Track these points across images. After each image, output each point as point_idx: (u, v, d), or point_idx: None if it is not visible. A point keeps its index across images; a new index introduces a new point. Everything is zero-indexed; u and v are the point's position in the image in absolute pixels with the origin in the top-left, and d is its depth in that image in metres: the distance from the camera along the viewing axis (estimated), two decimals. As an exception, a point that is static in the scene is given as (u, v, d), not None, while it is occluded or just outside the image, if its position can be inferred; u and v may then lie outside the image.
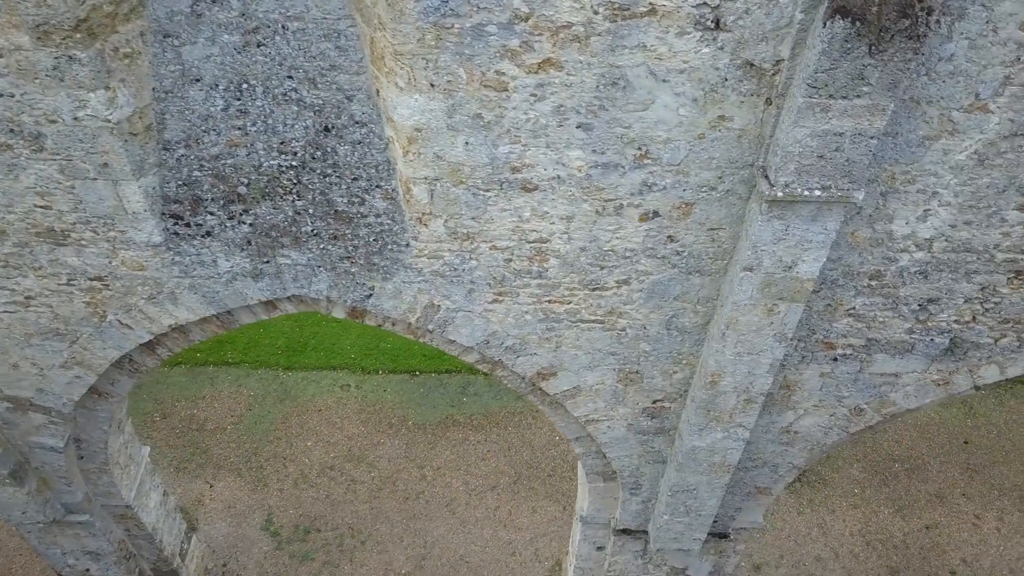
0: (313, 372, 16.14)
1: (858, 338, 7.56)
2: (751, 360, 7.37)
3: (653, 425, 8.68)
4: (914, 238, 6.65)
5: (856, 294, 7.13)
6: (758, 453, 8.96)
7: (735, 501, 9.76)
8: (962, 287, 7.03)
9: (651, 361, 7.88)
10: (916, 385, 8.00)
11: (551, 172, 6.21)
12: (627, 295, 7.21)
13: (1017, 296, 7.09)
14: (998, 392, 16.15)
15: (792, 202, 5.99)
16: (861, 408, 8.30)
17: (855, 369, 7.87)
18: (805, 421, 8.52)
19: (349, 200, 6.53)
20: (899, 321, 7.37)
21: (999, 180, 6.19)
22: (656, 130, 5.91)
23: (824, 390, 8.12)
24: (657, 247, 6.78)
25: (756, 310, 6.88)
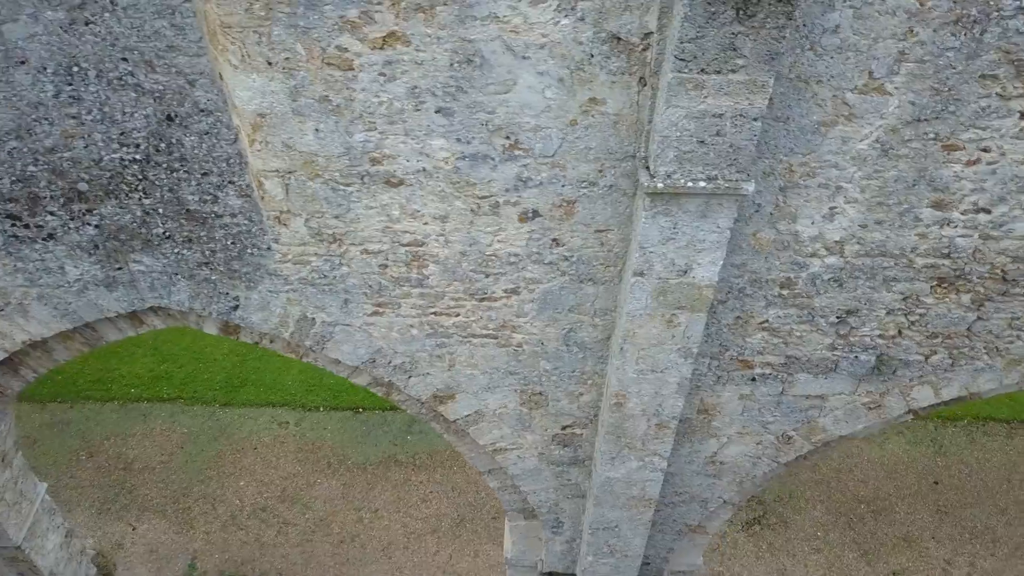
0: (252, 409, 15.41)
1: (776, 355, 6.92)
2: (656, 379, 6.71)
3: (566, 455, 7.98)
4: (823, 240, 6.06)
5: (767, 305, 6.51)
6: (684, 486, 8.25)
7: (665, 540, 9.00)
8: (882, 297, 6.42)
9: (554, 381, 7.22)
10: (845, 409, 7.33)
11: (415, 164, 5.64)
12: (518, 306, 6.59)
13: (943, 307, 6.48)
14: (969, 429, 15.42)
15: (676, 195, 5.41)
16: (789, 435, 7.61)
17: (776, 391, 7.21)
18: (730, 450, 7.82)
19: (201, 198, 5.95)
20: (818, 336, 6.74)
21: (907, 173, 5.62)
22: (523, 116, 5.36)
23: (746, 415, 7.44)
24: (543, 252, 6.19)
25: (654, 321, 6.26)
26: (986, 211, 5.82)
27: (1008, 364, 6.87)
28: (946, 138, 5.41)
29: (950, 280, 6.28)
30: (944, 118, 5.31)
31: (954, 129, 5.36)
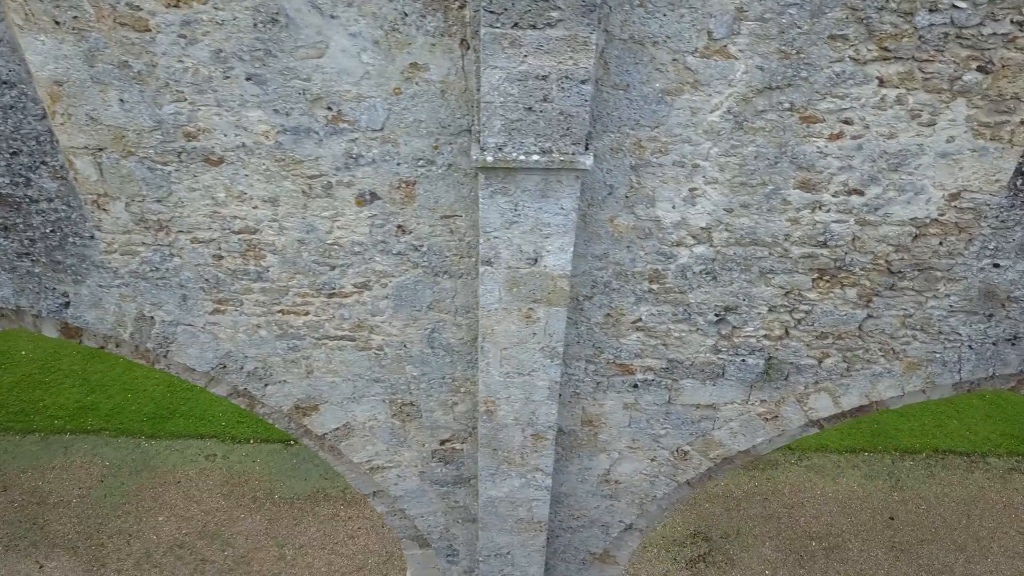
0: (179, 441, 14.77)
1: (656, 359, 6.40)
2: (524, 383, 6.19)
3: (449, 473, 7.40)
4: (687, 227, 5.60)
5: (637, 301, 6.02)
6: (580, 509, 7.64)
7: (569, 570, 8.35)
8: (761, 291, 5.93)
9: (424, 389, 6.68)
10: (740, 420, 6.79)
11: (234, 139, 5.20)
12: (372, 303, 6.09)
13: (828, 303, 5.98)
14: (928, 463, 14.78)
15: (511, 171, 4.96)
16: (684, 450, 7.05)
17: (662, 399, 6.67)
18: (624, 467, 7.25)
19: (12, 180, 5.50)
20: (699, 337, 6.24)
21: (767, 149, 5.19)
22: (341, 83, 4.94)
23: (634, 427, 6.89)
24: (389, 240, 5.72)
25: (511, 317, 5.76)
26: (859, 192, 5.37)
27: (908, 368, 6.35)
28: (803, 108, 4.99)
29: (831, 272, 5.80)
30: (797, 85, 4.89)
31: (810, 98, 4.94)
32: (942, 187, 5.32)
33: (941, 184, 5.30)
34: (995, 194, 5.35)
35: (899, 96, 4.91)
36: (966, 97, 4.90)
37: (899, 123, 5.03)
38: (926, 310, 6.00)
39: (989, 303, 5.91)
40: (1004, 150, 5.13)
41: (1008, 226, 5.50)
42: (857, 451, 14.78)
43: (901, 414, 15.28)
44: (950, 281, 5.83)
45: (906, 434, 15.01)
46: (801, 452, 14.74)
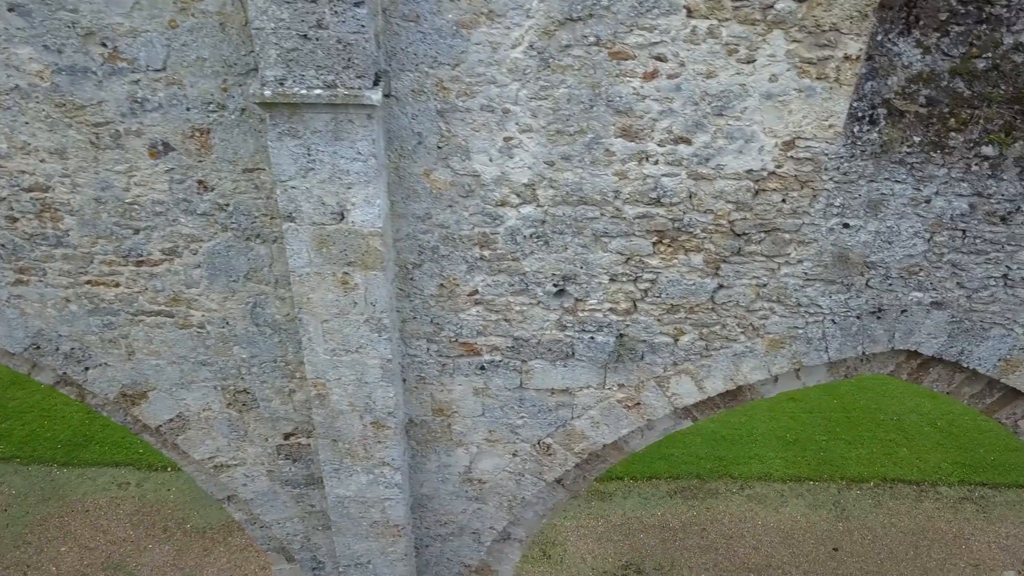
0: (93, 469, 14.14)
1: (501, 336, 5.94)
2: (354, 361, 5.71)
3: (299, 472, 6.86)
4: (510, 184, 5.20)
5: (470, 269, 5.59)
6: (445, 513, 7.08)
7: (446, 586, 7.73)
8: (599, 258, 5.51)
9: (255, 374, 6.20)
10: (600, 408, 6.29)
11: (5, 80, 4.83)
12: (185, 273, 5.65)
13: (674, 271, 5.55)
14: (876, 492, 14.12)
15: (295, 107, 4.59)
16: (546, 443, 6.53)
17: (513, 383, 6.18)
18: (485, 464, 6.72)
19: None
20: (541, 311, 5.79)
21: (580, 90, 4.82)
22: (111, 14, 4.60)
23: (489, 416, 6.39)
24: (192, 199, 5.31)
25: (326, 283, 5.32)
26: (686, 141, 4.99)
27: (771, 346, 5.89)
28: (610, 43, 4.64)
29: (671, 235, 5.39)
30: (600, 16, 4.55)
31: (616, 31, 4.59)
32: (773, 134, 4.94)
33: (772, 130, 4.93)
34: (831, 141, 4.97)
35: (711, 28, 4.57)
36: (782, 29, 4.56)
37: (716, 60, 4.67)
38: (780, 278, 5.57)
39: (845, 270, 5.48)
40: (832, 90, 4.77)
41: (851, 179, 5.11)
42: (802, 480, 14.15)
43: (848, 442, 14.71)
44: (800, 244, 5.41)
45: (853, 462, 14.40)
46: (743, 481, 14.11)
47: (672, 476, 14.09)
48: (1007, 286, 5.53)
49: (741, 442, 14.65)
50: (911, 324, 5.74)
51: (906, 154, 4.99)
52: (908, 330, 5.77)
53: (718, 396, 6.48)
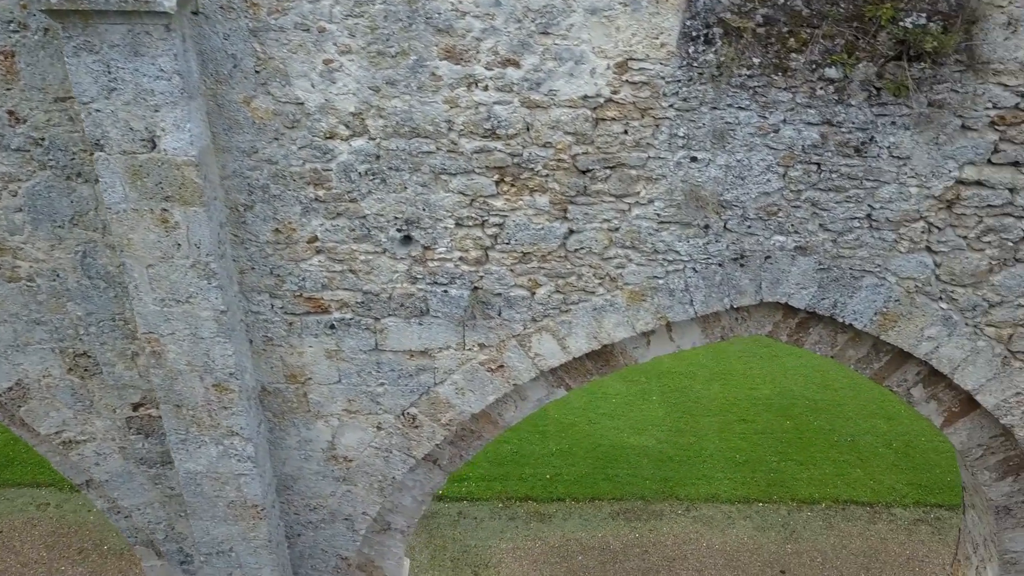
0: (12, 489, 13.61)
1: (349, 290, 5.61)
2: (186, 314, 5.37)
3: (154, 449, 6.44)
4: (336, 112, 4.94)
5: (306, 212, 5.29)
6: (312, 495, 6.63)
7: (324, 581, 7.22)
8: (440, 199, 5.21)
9: (94, 334, 5.84)
10: (464, 373, 5.92)
11: None
12: (7, 217, 5.36)
13: (521, 214, 5.26)
14: (827, 514, 13.55)
15: (86, 16, 4.35)
16: (411, 414, 6.14)
17: (368, 344, 5.83)
18: (349, 438, 6.31)
19: None
20: (388, 260, 5.47)
21: (397, 6, 4.60)
22: None
23: (346, 383, 6.01)
24: (4, 132, 5.04)
25: (145, 221, 5.02)
26: (514, 64, 4.75)
27: (632, 299, 5.55)
28: (421, -48, 4.43)
29: (512, 172, 5.11)
30: (406, -79, 4.34)
31: (425, -62, 4.38)
32: (604, 54, 4.69)
33: (601, 50, 4.68)
34: (665, 63, 4.72)
35: (524, -65, 4.36)
36: (598, -66, 4.35)
37: (534, -29, 4.46)
38: (632, 221, 5.26)
39: (699, 210, 5.18)
40: (659, 3, 4.54)
41: (693, 106, 4.85)
42: (751, 501, 13.61)
43: (800, 463, 14.20)
44: (649, 182, 5.12)
45: (804, 483, 13.87)
46: (689, 502, 13.57)
47: (615, 497, 13.56)
48: (873, 228, 5.23)
49: (689, 463, 14.15)
50: (777, 273, 5.42)
51: (747, 77, 4.74)
52: (775, 279, 5.45)
53: (589, 361, 6.12)
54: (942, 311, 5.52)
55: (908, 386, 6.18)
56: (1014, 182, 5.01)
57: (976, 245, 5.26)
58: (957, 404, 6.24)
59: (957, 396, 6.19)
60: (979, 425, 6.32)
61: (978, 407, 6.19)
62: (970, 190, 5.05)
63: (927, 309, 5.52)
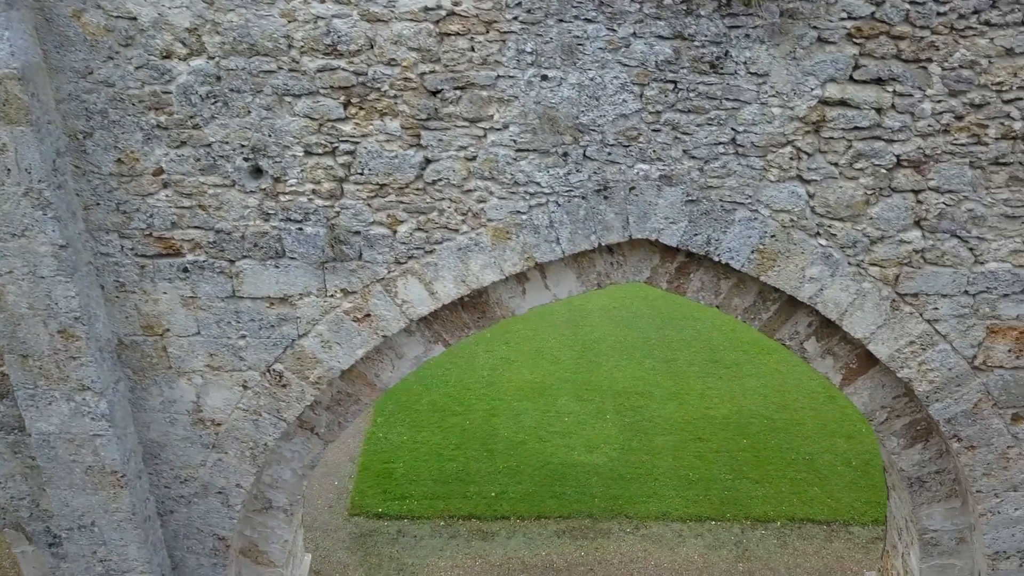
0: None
1: (200, 228, 5.36)
2: (23, 249, 5.13)
3: (8, 412, 6.10)
4: (171, 28, 4.76)
5: (148, 140, 5.07)
6: (180, 463, 6.26)
7: (202, 567, 6.78)
8: (287, 124, 5.00)
9: (-62, 280, 5.55)
10: (329, 323, 5.63)
11: None
12: None
13: (373, 141, 5.04)
14: (782, 532, 13.03)
15: None
16: (277, 371, 5.82)
17: (225, 291, 5.55)
18: (214, 398, 5.97)
19: None
20: (238, 194, 5.23)
21: (223, -90, 4.44)
22: None
23: (206, 333, 5.71)
24: None
25: (-31, 141, 4.78)
26: (348, -29, 4.58)
27: (496, 237, 5.29)
28: None
29: (359, 93, 4.90)
30: None
31: None
32: (438, -41, 4.53)
33: (436, -45, 4.52)
34: (504, -31, 4.55)
35: None
36: None
37: None
38: (489, 149, 5.04)
39: (556, 135, 4.96)
40: (491, -96, 4.39)
41: (538, 19, 4.67)
42: (703, 519, 13.09)
43: (756, 481, 13.72)
44: (502, 104, 4.91)
45: (760, 501, 13.37)
46: (639, 520, 13.05)
47: (562, 515, 13.05)
48: (739, 154, 5.00)
49: (640, 481, 13.67)
50: (644, 205, 5.17)
51: (591, -14, 4.57)
52: (642, 213, 5.19)
53: (465, 313, 5.84)
54: (822, 248, 5.26)
55: (801, 339, 5.88)
56: (879, 101, 4.80)
57: (848, 173, 5.02)
58: (855, 360, 5.92)
59: (853, 351, 5.89)
60: (880, 384, 5.99)
61: (877, 363, 5.88)
62: (835, 110, 4.84)
63: (806, 246, 5.25)
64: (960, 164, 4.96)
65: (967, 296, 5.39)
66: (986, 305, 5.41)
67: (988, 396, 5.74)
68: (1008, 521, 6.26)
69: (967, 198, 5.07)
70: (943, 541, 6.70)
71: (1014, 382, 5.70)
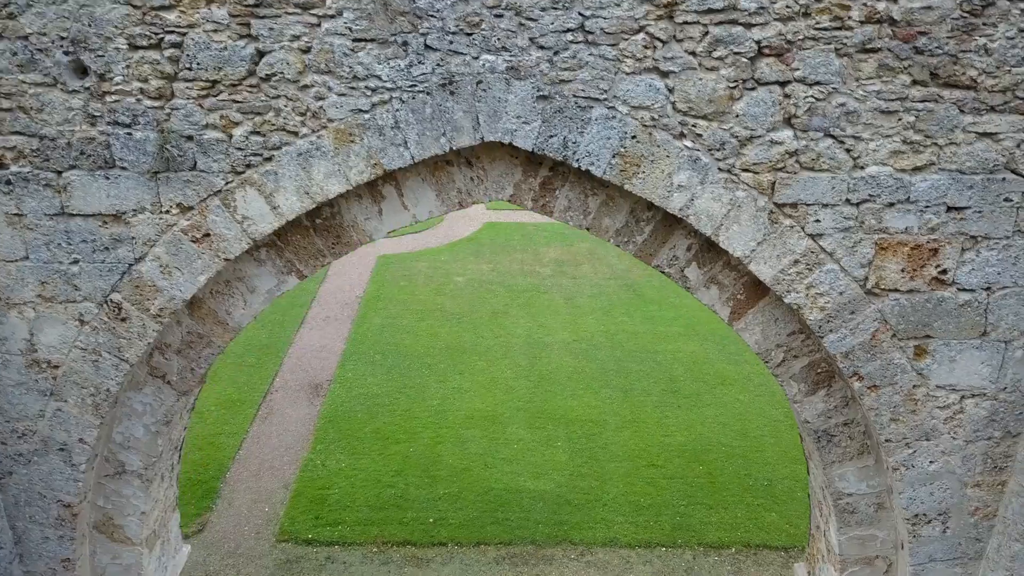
0: None
1: (22, 134, 5.01)
2: None
3: None
4: (-21, -97, 4.49)
5: (-39, 30, 4.75)
6: (17, 415, 5.74)
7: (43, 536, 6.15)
8: (106, 12, 4.73)
9: None
10: (167, 244, 5.21)
11: None
12: None
13: (200, 32, 4.72)
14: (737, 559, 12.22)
15: None
16: (115, 302, 5.37)
17: (53, 207, 5.15)
18: (49, 335, 5.50)
19: None
20: (61, 94, 4.90)
21: None
22: None
23: (35, 258, 5.29)
24: None
25: None
26: None
27: (339, 140, 4.93)
28: None
29: (182, -25, 4.60)
30: None
31: None
32: None
33: None
34: None
35: None
36: None
37: None
38: (324, 39, 4.72)
39: (392, 21, 4.65)
40: None
41: None
42: (652, 546, 12.32)
43: (710, 507, 12.98)
44: (332, -13, 4.61)
45: (714, 528, 12.61)
46: (585, 547, 12.28)
47: (503, 541, 12.28)
48: (589, 43, 4.68)
49: (588, 507, 12.94)
50: (493, 103, 4.82)
51: None
52: (492, 111, 4.84)
53: (318, 238, 5.42)
54: (688, 151, 4.88)
55: (681, 265, 5.44)
56: (729, -22, 4.50)
57: (708, 63, 4.69)
58: (742, 290, 5.48)
59: (740, 279, 5.45)
60: (772, 318, 5.53)
61: (767, 293, 5.44)
62: (686, -10, 4.54)
63: (670, 148, 4.88)
64: (825, 51, 4.63)
65: (850, 206, 4.98)
66: (871, 216, 5.00)
67: (886, 325, 5.27)
68: (924, 476, 5.70)
69: (837, 91, 4.72)
70: (860, 507, 6.11)
71: (911, 308, 5.24)
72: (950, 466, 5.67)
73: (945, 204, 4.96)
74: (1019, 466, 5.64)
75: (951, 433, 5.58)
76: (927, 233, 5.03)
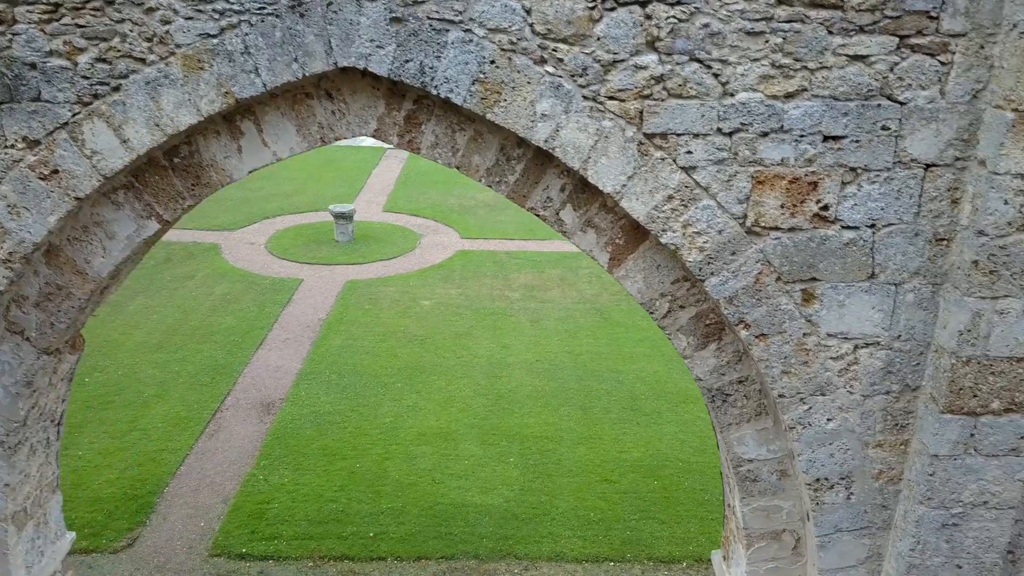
0: None
1: None
2: None
3: None
4: None
5: None
6: None
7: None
8: (-56, -70, 4.53)
9: None
10: (12, 182, 5.02)
11: None
12: None
13: (40, -50, 4.55)
14: (687, 573, 11.75)
15: None
16: (-37, 245, 5.11)
17: None
18: None
19: None
20: (-101, 19, 4.70)
21: None
22: None
23: None
24: None
25: None
26: None
27: (188, 67, 4.73)
28: None
29: None
30: None
31: None
32: None
33: None
34: None
35: None
36: None
37: None
38: (167, -43, 4.55)
39: (236, -63, 4.48)
40: None
41: None
42: (600, 561, 11.84)
43: (663, 522, 12.53)
44: (174, -98, 4.46)
45: (665, 542, 12.15)
46: (529, 561, 11.80)
47: (445, 556, 11.81)
48: (440, -41, 4.51)
49: (536, 521, 12.49)
50: (345, 26, 4.64)
51: None
52: (345, 35, 4.66)
53: (176, 178, 5.20)
54: (550, 77, 4.69)
55: (556, 208, 5.21)
56: None
57: (563, -19, 4.52)
58: (620, 233, 5.24)
59: (617, 221, 5.21)
60: (654, 264, 5.28)
61: (647, 237, 5.20)
62: (536, -97, 4.39)
63: (531, 74, 4.69)
64: (684, -33, 4.47)
65: (722, 136, 4.77)
66: (745, 147, 4.78)
67: (769, 266, 5.02)
68: (823, 436, 5.38)
69: (699, 11, 4.54)
70: (762, 475, 5.78)
71: (794, 247, 4.99)
72: (848, 424, 5.36)
73: (821, 133, 4.74)
74: (919, 423, 5.33)
75: (847, 387, 5.28)
76: (804, 165, 4.81)
